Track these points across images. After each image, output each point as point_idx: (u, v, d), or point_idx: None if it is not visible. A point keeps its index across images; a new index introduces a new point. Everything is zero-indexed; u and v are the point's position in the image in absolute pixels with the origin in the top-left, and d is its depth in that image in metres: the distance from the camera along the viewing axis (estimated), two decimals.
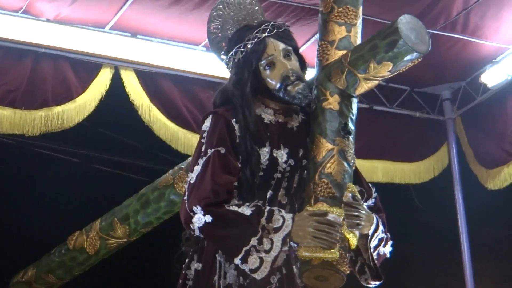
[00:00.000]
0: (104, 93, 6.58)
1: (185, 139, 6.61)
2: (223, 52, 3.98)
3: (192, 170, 3.73)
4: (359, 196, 3.72)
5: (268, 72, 3.83)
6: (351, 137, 3.82)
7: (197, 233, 3.63)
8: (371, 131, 7.24)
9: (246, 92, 3.82)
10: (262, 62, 3.82)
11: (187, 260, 3.91)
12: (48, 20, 6.45)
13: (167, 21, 6.64)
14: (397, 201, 6.89)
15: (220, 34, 4.03)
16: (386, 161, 7.45)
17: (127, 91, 6.64)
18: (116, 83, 6.64)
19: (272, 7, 6.19)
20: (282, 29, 3.88)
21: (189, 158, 5.67)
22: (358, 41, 4.04)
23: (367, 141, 7.13)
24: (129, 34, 6.72)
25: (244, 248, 3.55)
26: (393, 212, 4.28)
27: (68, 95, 6.47)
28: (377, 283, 3.71)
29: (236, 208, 3.57)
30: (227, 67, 3.95)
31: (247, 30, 3.96)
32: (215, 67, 6.74)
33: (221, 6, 3.97)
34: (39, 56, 6.47)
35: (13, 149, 7.00)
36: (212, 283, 3.70)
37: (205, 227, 3.58)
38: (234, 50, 3.91)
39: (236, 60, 3.88)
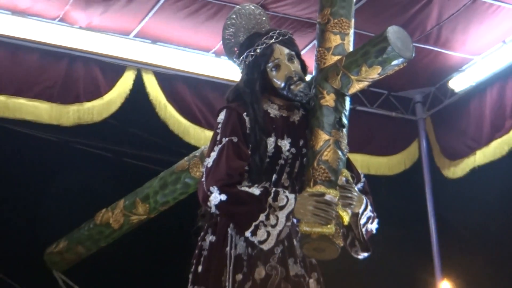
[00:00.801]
0: (128, 92, 6.58)
1: (194, 133, 6.61)
2: (235, 56, 3.97)
3: (208, 156, 3.69)
4: (351, 180, 3.69)
5: (274, 73, 3.84)
6: (344, 130, 3.79)
7: (213, 210, 3.63)
8: (354, 128, 6.96)
9: (256, 90, 3.81)
10: (269, 65, 3.83)
11: (202, 233, 3.88)
12: (80, 28, 6.40)
13: (182, 31, 6.59)
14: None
15: (233, 40, 4.05)
16: (364, 154, 7.39)
17: (147, 91, 6.65)
18: (138, 84, 6.64)
19: (274, 19, 6.14)
20: (287, 37, 3.86)
21: (203, 147, 5.74)
22: (351, 48, 4.00)
23: (349, 136, 6.94)
24: (150, 41, 6.69)
25: (254, 223, 3.56)
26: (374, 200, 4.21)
27: (97, 93, 6.47)
28: (366, 254, 3.64)
29: (247, 189, 3.55)
30: (239, 68, 3.96)
31: (257, 37, 3.97)
32: (223, 71, 6.80)
33: (234, 16, 4.01)
34: (73, 59, 6.43)
35: (53, 145, 6.96)
36: (224, 253, 3.71)
37: (220, 204, 3.60)
38: (245, 54, 3.92)
39: (247, 62, 3.89)
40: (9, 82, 6.19)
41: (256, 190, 3.57)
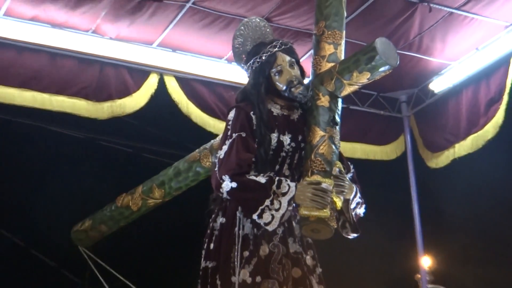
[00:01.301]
0: (153, 91, 6.62)
1: (214, 124, 6.68)
2: (243, 62, 4.13)
3: (220, 149, 3.84)
4: (343, 171, 3.81)
5: (277, 77, 3.95)
6: (337, 127, 3.92)
7: (225, 195, 3.75)
8: (349, 123, 7.17)
9: (261, 92, 3.92)
10: (273, 70, 3.94)
11: (213, 215, 4.01)
12: (110, 38, 6.46)
13: (198, 41, 6.60)
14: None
15: (241, 49, 4.18)
16: (363, 143, 7.46)
17: (169, 92, 6.68)
18: (161, 86, 6.67)
19: (277, 30, 6.17)
20: (288, 46, 4.01)
21: (212, 141, 5.77)
22: (342, 56, 4.14)
23: (348, 130, 7.06)
24: (171, 50, 6.68)
25: (260, 207, 3.66)
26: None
27: (126, 92, 6.51)
28: (355, 235, 3.77)
29: (254, 178, 3.66)
30: (246, 72, 4.09)
31: (262, 46, 4.08)
32: (233, 75, 6.80)
33: (242, 28, 4.15)
34: (104, 64, 6.49)
35: (81, 141, 7.16)
36: (233, 233, 3.79)
37: (231, 191, 3.70)
38: (252, 60, 4.05)
39: (253, 68, 4.00)
40: (51, 83, 6.22)
41: (262, 179, 3.67)
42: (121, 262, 6.93)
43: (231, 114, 3.95)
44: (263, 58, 4.03)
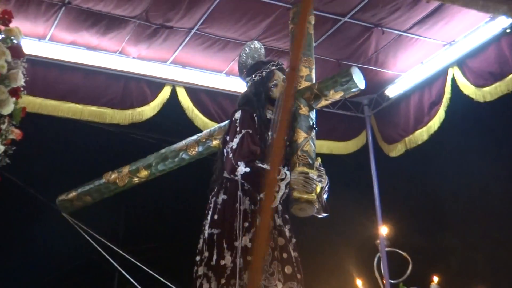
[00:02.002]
0: (166, 100, 6.70)
1: (212, 125, 6.43)
2: (244, 75, 4.40)
3: (232, 141, 4.05)
4: (322, 165, 4.17)
5: (273, 89, 4.22)
6: (314, 131, 4.27)
7: (238, 177, 3.94)
8: (321, 123, 7.21)
9: (261, 99, 4.19)
10: (271, 83, 4.22)
11: (214, 193, 4.16)
12: (133, 58, 6.53)
13: (202, 58, 6.67)
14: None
15: (243, 64, 4.45)
16: (329, 140, 7.47)
17: (179, 99, 6.75)
18: (173, 95, 6.74)
19: (272, 52, 6.42)
20: (281, 65, 4.30)
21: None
22: (314, 76, 4.59)
23: (318, 128, 7.15)
24: (181, 66, 6.74)
25: None
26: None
27: (145, 101, 6.59)
28: (325, 215, 4.12)
29: (261, 165, 3.88)
30: (246, 83, 4.36)
31: (262, 64, 4.37)
32: (231, 86, 6.91)
33: (247, 48, 4.46)
34: (128, 79, 6.57)
35: (115, 135, 7.21)
36: (235, 208, 3.98)
37: (245, 174, 3.92)
38: (254, 74, 4.30)
39: (255, 80, 4.26)
40: (85, 95, 6.31)
41: (267, 166, 3.87)
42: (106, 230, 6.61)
43: (238, 115, 4.12)
44: (264, 73, 4.26)
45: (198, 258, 4.07)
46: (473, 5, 4.99)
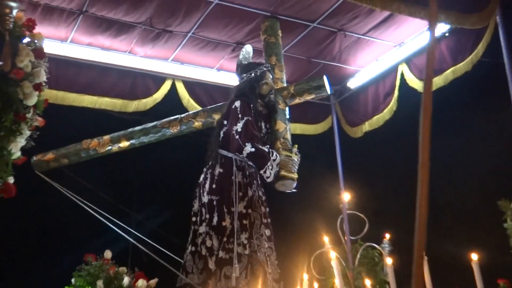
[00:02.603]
0: (167, 92, 6.70)
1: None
2: (239, 71, 4.57)
3: (235, 125, 4.16)
4: (298, 151, 4.41)
5: (263, 87, 4.47)
6: (289, 123, 4.57)
7: (244, 155, 4.07)
8: (295, 108, 6.73)
9: (255, 93, 4.42)
10: (262, 81, 4.45)
11: (209, 165, 4.31)
12: (140, 56, 6.58)
13: (197, 57, 6.72)
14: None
15: (239, 63, 4.64)
16: (301, 123, 7.47)
17: (178, 91, 6.76)
18: (173, 87, 6.74)
19: (254, 52, 6.31)
20: (270, 68, 4.57)
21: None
22: (284, 78, 4.93)
23: (293, 114, 7.14)
24: (180, 63, 6.78)
25: (266, 166, 4.12)
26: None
27: (148, 93, 6.60)
28: (295, 190, 4.51)
29: (262, 147, 4.10)
30: (239, 78, 4.54)
31: (256, 65, 4.59)
32: (221, 80, 6.96)
33: (243, 50, 4.70)
34: (135, 74, 6.61)
35: (128, 122, 6.45)
36: (231, 179, 4.19)
37: (250, 153, 4.08)
38: (250, 72, 4.47)
39: (250, 77, 4.45)
40: (100, 88, 6.34)
41: (265, 149, 4.14)
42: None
43: (238, 104, 4.27)
44: (258, 72, 4.50)
45: (195, 219, 4.28)
46: (417, 15, 5.31)
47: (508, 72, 5.23)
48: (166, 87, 6.73)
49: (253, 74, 4.63)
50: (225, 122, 4.44)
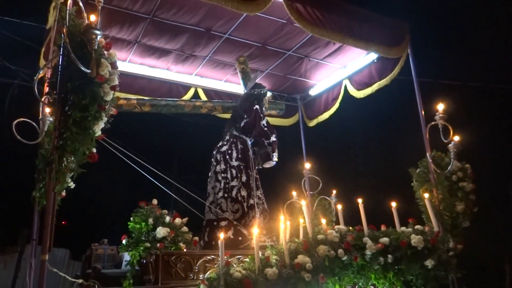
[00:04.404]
0: (191, 96, 6.48)
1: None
2: (248, 85, 4.59)
3: (261, 120, 4.23)
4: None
5: (261, 102, 4.56)
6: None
7: (270, 141, 4.10)
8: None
9: (261, 104, 4.45)
10: (263, 97, 4.56)
11: (231, 142, 4.23)
12: (174, 72, 6.38)
13: (213, 73, 6.51)
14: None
15: (250, 80, 4.68)
16: (279, 118, 7.18)
17: (199, 95, 6.57)
18: (196, 93, 6.56)
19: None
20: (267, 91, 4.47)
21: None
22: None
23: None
24: (200, 77, 6.58)
25: (276, 151, 4.28)
26: None
27: (179, 96, 6.37)
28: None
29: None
30: (249, 90, 4.59)
31: (262, 86, 4.68)
32: (227, 88, 6.72)
33: (242, 60, 4.74)
34: (171, 83, 6.40)
35: (171, 119, 6.93)
36: (248, 154, 4.24)
37: (272, 141, 4.13)
38: (259, 89, 4.53)
39: (260, 92, 4.54)
40: (148, 92, 6.12)
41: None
42: None
43: (257, 107, 4.33)
44: (262, 91, 4.62)
45: (224, 175, 4.22)
46: (358, 45, 5.29)
47: (415, 85, 5.27)
48: (191, 92, 6.59)
49: (262, 91, 4.60)
50: (245, 116, 4.37)
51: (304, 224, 4.02)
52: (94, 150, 3.01)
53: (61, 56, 2.86)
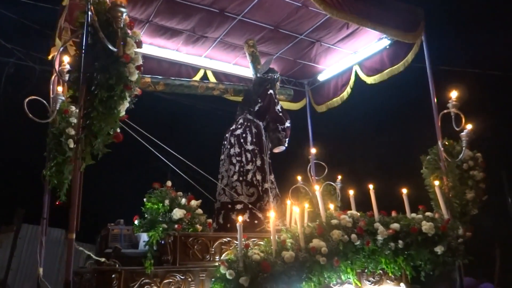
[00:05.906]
0: (201, 77, 6.41)
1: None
2: (262, 70, 4.56)
3: (276, 105, 4.18)
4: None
5: (277, 83, 4.49)
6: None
7: (284, 126, 4.11)
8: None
9: (274, 88, 4.41)
10: (276, 82, 4.46)
11: (245, 126, 4.23)
12: (184, 53, 6.32)
13: (221, 54, 6.46)
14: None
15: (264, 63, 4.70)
16: (288, 102, 6.96)
17: (208, 77, 6.49)
18: (205, 74, 6.49)
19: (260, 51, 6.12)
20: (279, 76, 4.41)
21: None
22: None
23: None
24: (209, 59, 6.53)
25: (288, 137, 4.22)
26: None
27: (189, 77, 6.26)
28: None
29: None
30: (263, 74, 4.57)
31: (275, 71, 4.64)
32: (237, 71, 6.68)
33: (251, 43, 4.69)
34: (181, 65, 6.33)
35: (184, 105, 6.98)
36: (262, 139, 4.25)
37: (287, 127, 4.14)
38: (273, 74, 4.50)
39: (274, 77, 4.54)
40: (158, 73, 5.96)
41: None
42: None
43: (271, 92, 4.34)
44: (275, 76, 4.58)
45: (239, 158, 4.26)
46: (377, 28, 5.20)
47: (429, 73, 5.25)
48: (200, 74, 6.53)
49: (275, 76, 4.57)
50: (259, 100, 4.36)
51: (309, 208, 4.04)
52: (118, 130, 2.98)
53: (85, 35, 2.77)
